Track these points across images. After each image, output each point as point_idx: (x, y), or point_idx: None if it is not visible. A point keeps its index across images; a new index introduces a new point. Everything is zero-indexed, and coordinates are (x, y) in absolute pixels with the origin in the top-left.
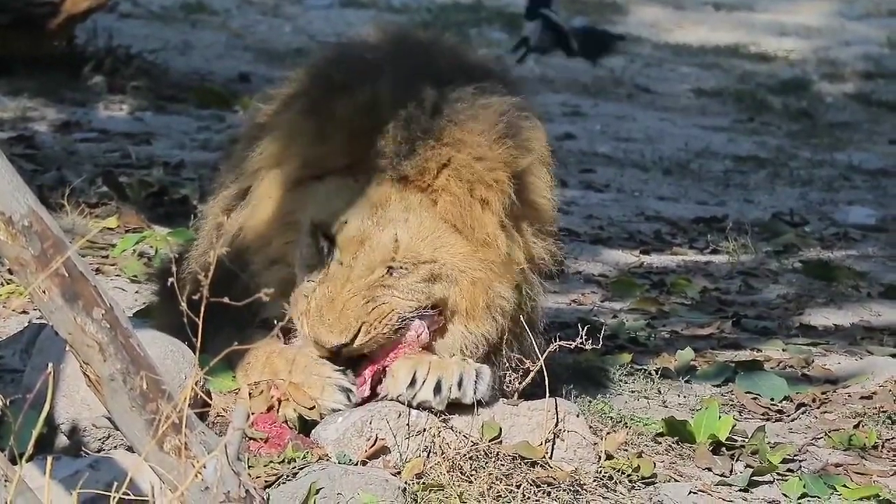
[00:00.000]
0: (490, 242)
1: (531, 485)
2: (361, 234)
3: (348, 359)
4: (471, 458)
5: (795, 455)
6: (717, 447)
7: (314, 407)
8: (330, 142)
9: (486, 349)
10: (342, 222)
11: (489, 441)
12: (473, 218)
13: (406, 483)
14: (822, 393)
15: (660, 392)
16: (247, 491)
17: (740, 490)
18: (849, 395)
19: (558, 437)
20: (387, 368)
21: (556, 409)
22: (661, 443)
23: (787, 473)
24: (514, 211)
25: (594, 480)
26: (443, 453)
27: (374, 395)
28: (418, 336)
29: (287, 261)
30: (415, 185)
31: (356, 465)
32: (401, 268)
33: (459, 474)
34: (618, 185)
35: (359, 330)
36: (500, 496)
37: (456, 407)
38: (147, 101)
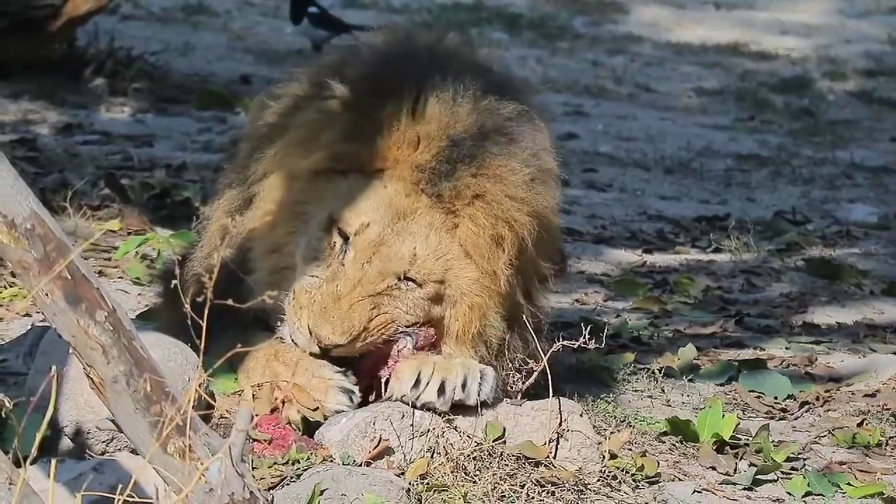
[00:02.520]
0: (496, 275)
1: (535, 485)
2: (381, 240)
3: (332, 358)
4: (475, 458)
5: (799, 453)
6: (720, 446)
7: (318, 408)
8: (367, 141)
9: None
10: (364, 224)
11: (493, 441)
12: (488, 250)
13: (410, 484)
14: (826, 391)
15: (663, 391)
16: (251, 493)
17: (744, 489)
18: (852, 393)
19: (562, 436)
20: (377, 376)
21: (560, 408)
22: (664, 442)
23: (792, 472)
24: (524, 250)
25: (598, 480)
26: (447, 454)
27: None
28: (399, 351)
29: (285, 250)
30: (444, 206)
31: (360, 465)
32: (411, 281)
33: (463, 474)
34: (620, 184)
35: (359, 334)
36: (504, 496)
37: (460, 408)
38: (148, 102)
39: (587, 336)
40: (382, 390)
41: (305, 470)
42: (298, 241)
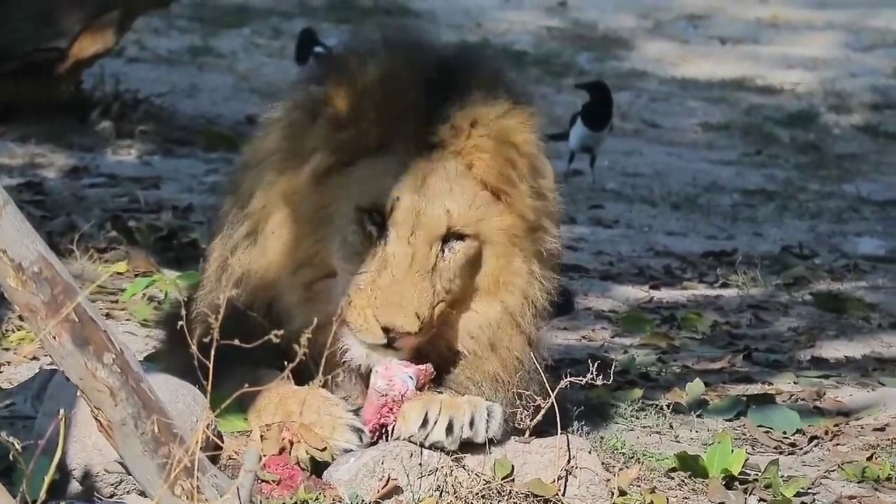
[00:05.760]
0: (523, 209)
1: None
2: (415, 209)
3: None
4: (483, 496)
5: (809, 488)
6: (730, 481)
7: (325, 448)
8: (360, 121)
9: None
10: (395, 199)
11: (502, 479)
12: (505, 172)
13: None
14: (835, 425)
15: (671, 427)
16: None
17: None
18: (861, 427)
19: (571, 473)
20: (384, 423)
21: (569, 445)
22: (673, 478)
23: None
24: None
25: None
26: (455, 492)
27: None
28: (402, 395)
29: (316, 261)
30: (449, 150)
31: None
32: (455, 238)
33: None
34: (627, 220)
35: (428, 319)
36: None
37: (468, 445)
38: (155, 144)
39: (595, 372)
40: (389, 437)
41: None
42: (329, 246)
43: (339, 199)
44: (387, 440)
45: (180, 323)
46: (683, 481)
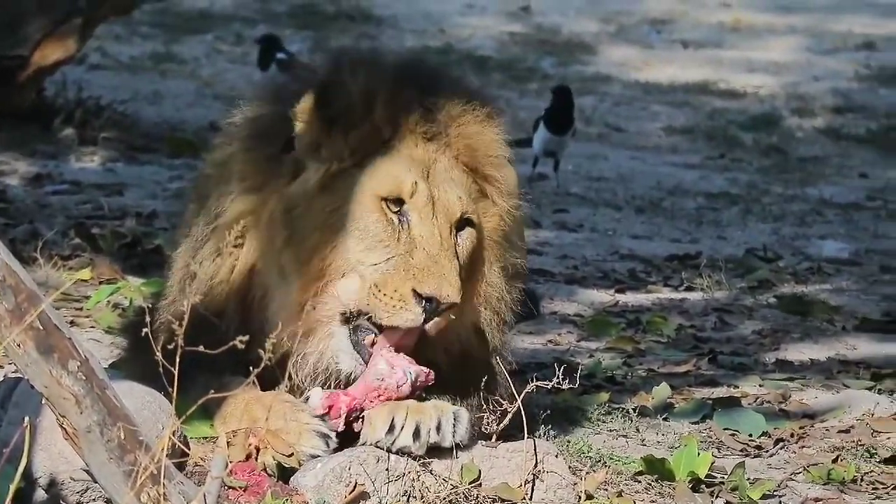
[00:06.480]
0: (504, 206)
1: None
2: (431, 195)
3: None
4: (450, 501)
5: (775, 491)
6: (696, 484)
7: (292, 454)
8: (368, 122)
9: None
10: (413, 183)
11: (469, 484)
12: (490, 159)
13: None
14: (801, 428)
15: (638, 430)
16: None
17: None
18: (827, 430)
19: (538, 478)
20: (364, 407)
21: (535, 450)
22: (640, 481)
23: None
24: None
25: None
26: (422, 497)
27: (347, 430)
28: (399, 387)
29: (327, 268)
30: (442, 142)
31: None
32: (467, 225)
33: None
34: (591, 224)
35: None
36: None
37: (435, 450)
38: (118, 151)
39: (561, 376)
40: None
41: None
42: (346, 244)
43: (354, 196)
44: (361, 422)
45: (145, 330)
46: (650, 484)
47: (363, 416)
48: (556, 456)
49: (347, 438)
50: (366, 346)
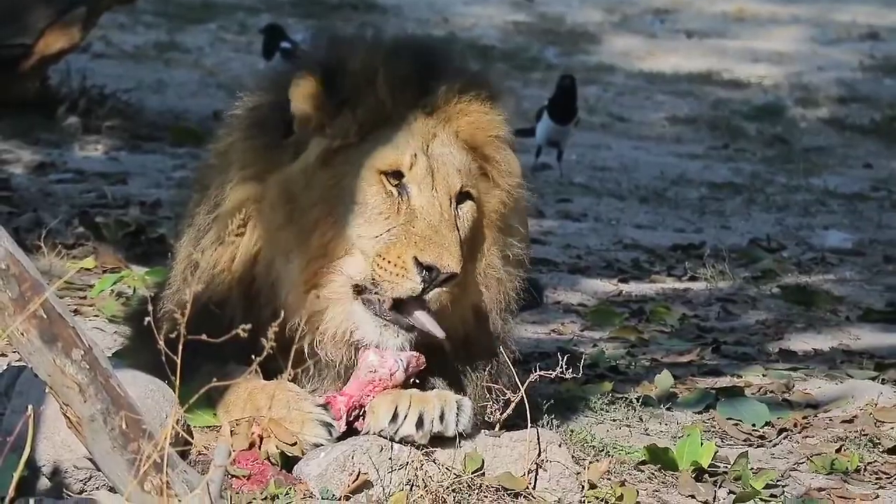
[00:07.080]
0: (505, 186)
1: None
2: (431, 167)
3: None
4: (454, 490)
5: (778, 480)
6: (699, 474)
7: (296, 443)
8: (369, 97)
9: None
10: (413, 155)
11: (472, 473)
12: (490, 138)
13: None
14: (804, 417)
15: (641, 420)
16: None
17: None
18: (830, 420)
19: (541, 467)
20: (362, 404)
21: (539, 439)
22: (643, 471)
23: (771, 499)
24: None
25: None
26: (426, 486)
27: (350, 430)
28: (392, 374)
29: (329, 245)
30: (441, 118)
31: (339, 500)
32: (466, 198)
33: None
34: (594, 214)
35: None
36: None
37: (438, 439)
38: (122, 140)
39: (564, 366)
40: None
41: None
42: (346, 218)
43: (353, 170)
44: (362, 420)
45: (148, 319)
46: (653, 474)
47: (364, 413)
48: (560, 445)
49: (349, 433)
50: (385, 308)
